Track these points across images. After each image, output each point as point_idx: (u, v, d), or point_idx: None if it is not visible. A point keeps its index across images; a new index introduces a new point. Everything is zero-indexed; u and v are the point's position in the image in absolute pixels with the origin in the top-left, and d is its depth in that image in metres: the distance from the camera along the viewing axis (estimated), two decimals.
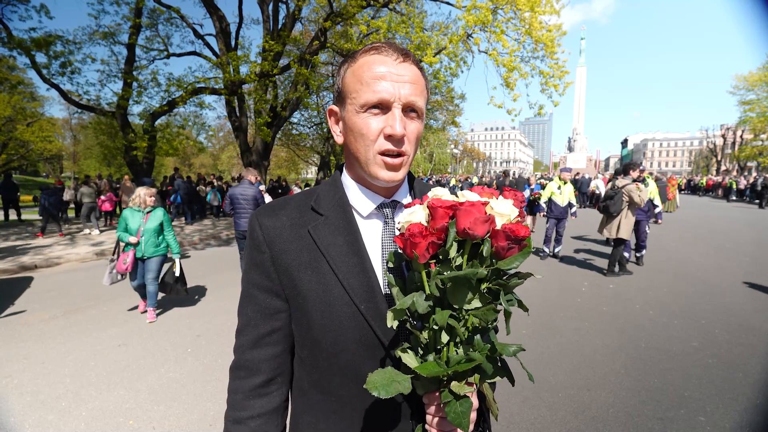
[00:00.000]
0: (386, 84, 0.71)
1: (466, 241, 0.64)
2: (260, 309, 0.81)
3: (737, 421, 2.71)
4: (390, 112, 0.72)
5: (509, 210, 0.65)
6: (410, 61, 0.75)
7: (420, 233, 0.61)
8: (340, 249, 0.77)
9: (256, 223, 0.82)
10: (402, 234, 0.64)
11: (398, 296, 0.67)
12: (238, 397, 0.82)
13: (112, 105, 13.72)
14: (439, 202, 0.64)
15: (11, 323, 4.74)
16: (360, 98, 0.72)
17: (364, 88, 0.72)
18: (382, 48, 0.74)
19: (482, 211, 0.61)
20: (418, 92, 0.74)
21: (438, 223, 0.63)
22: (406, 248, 0.63)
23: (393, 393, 0.60)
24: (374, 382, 0.61)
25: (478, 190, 0.69)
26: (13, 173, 33.59)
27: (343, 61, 0.80)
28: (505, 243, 0.61)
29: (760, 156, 37.77)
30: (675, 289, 5.79)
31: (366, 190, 0.82)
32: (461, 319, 0.63)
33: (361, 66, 0.74)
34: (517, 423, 2.72)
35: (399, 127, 0.71)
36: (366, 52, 0.75)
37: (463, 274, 0.59)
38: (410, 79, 0.73)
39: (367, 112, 0.72)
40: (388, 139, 0.72)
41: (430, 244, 0.61)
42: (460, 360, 0.62)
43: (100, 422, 2.80)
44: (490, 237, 0.63)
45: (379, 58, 0.73)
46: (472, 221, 0.60)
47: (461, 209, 0.61)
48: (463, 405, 0.60)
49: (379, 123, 0.72)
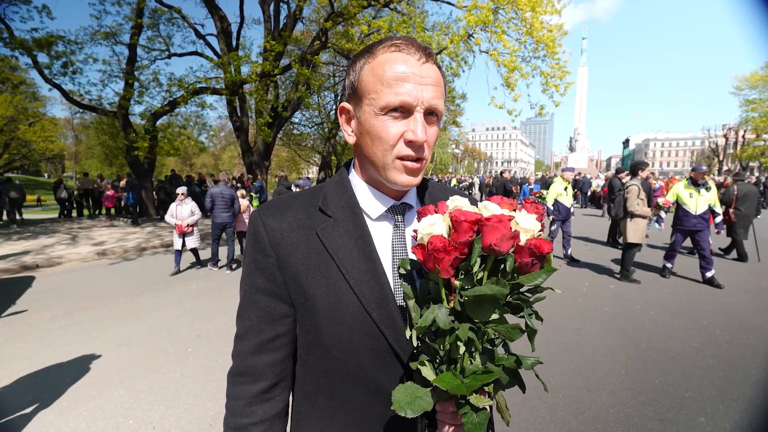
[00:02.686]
0: (409, 86, 0.67)
1: (489, 256, 0.62)
2: (264, 314, 0.78)
3: (738, 422, 2.70)
4: (412, 116, 0.68)
5: (533, 225, 0.63)
6: (432, 61, 0.72)
7: (444, 248, 0.59)
8: (351, 253, 0.74)
9: (260, 225, 0.77)
10: (423, 246, 0.62)
11: (414, 309, 0.65)
12: (239, 404, 0.78)
13: (114, 105, 13.77)
14: (463, 215, 0.61)
15: (13, 323, 4.76)
16: (380, 100, 0.68)
17: (385, 89, 0.68)
18: (403, 45, 0.70)
19: (508, 227, 0.60)
20: (440, 95, 0.71)
21: (461, 237, 0.60)
22: (428, 262, 0.60)
23: (418, 412, 0.58)
24: (399, 401, 0.59)
25: (498, 201, 0.67)
26: (13, 173, 33.71)
27: (359, 56, 0.75)
28: (529, 259, 0.60)
29: (762, 156, 37.63)
30: (675, 290, 5.78)
31: (376, 192, 0.79)
32: (480, 332, 0.62)
33: (381, 64, 0.69)
34: (517, 423, 2.72)
35: (421, 133, 0.68)
36: (386, 49, 0.71)
37: (491, 293, 0.57)
38: (433, 81, 0.70)
39: (387, 114, 0.69)
40: (409, 145, 0.69)
41: (454, 259, 0.59)
42: (477, 370, 0.61)
43: (100, 422, 2.81)
44: (514, 252, 0.61)
45: (401, 57, 0.69)
46: (498, 238, 0.58)
47: (488, 225, 0.59)
48: (480, 416, 0.60)
49: (400, 127, 0.69)
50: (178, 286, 6.32)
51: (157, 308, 5.22)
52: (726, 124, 50.09)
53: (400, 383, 0.65)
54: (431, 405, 0.61)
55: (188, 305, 5.34)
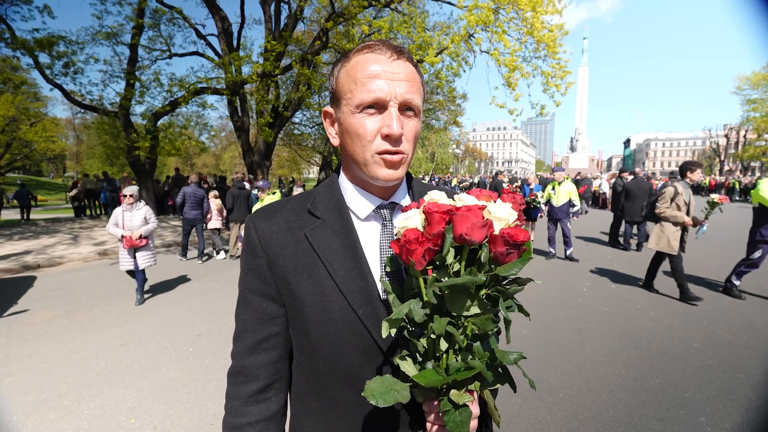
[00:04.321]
0: (381, 83, 0.69)
1: (463, 247, 0.62)
2: (257, 314, 0.80)
3: (738, 422, 2.70)
4: (386, 111, 0.70)
5: (507, 214, 0.63)
6: (404, 58, 0.73)
7: (416, 240, 0.59)
8: (337, 253, 0.75)
9: (252, 227, 0.80)
10: (398, 240, 0.62)
11: (395, 303, 0.65)
12: (236, 403, 0.80)
13: (115, 105, 13.78)
14: (435, 206, 0.62)
15: (14, 322, 4.77)
16: (355, 98, 0.70)
17: (358, 87, 0.70)
18: (375, 46, 0.72)
19: (479, 215, 0.59)
20: (414, 90, 0.72)
21: (434, 229, 0.61)
22: (402, 255, 0.61)
23: (390, 402, 0.58)
24: (372, 390, 0.60)
25: (476, 193, 0.67)
26: (14, 173, 33.77)
27: (337, 62, 0.78)
28: (503, 248, 0.59)
29: (763, 156, 37.56)
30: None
31: (364, 192, 0.80)
32: (460, 326, 0.62)
33: (354, 65, 0.72)
34: (517, 423, 2.72)
35: (396, 126, 0.69)
36: (359, 51, 0.73)
37: (462, 282, 0.57)
38: (405, 77, 0.71)
39: (362, 112, 0.70)
40: (386, 139, 0.70)
41: (426, 250, 0.59)
42: (459, 368, 0.60)
43: (101, 421, 2.82)
44: (488, 242, 0.61)
45: (373, 57, 0.71)
46: (469, 227, 0.58)
47: (458, 214, 0.59)
48: (462, 414, 0.59)
49: (376, 123, 0.70)
50: (180, 285, 6.33)
51: (158, 308, 5.24)
52: (727, 124, 50.03)
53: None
54: (407, 398, 0.61)
55: (189, 305, 5.35)
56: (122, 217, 5.28)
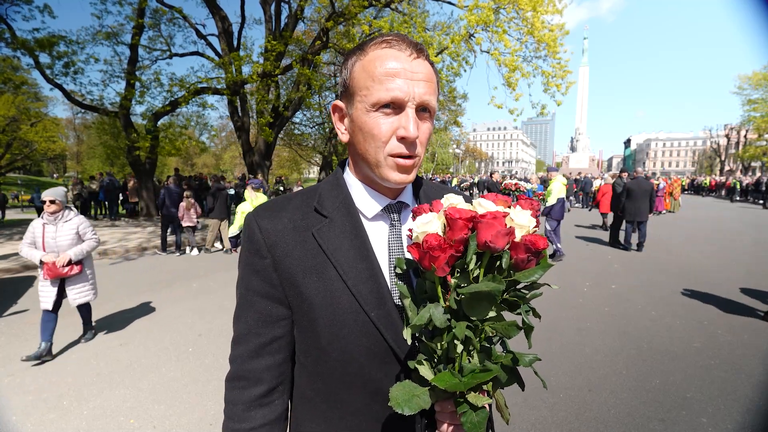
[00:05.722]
0: (400, 82, 0.66)
1: (485, 254, 0.62)
2: (261, 317, 0.76)
3: (739, 423, 2.69)
4: (403, 112, 0.68)
5: (528, 221, 0.63)
6: (423, 57, 0.70)
7: (439, 246, 0.59)
8: (347, 254, 0.73)
9: (255, 226, 0.76)
10: (418, 245, 0.61)
11: (411, 307, 0.64)
12: (238, 409, 0.77)
13: (115, 105, 13.81)
14: (458, 212, 0.61)
15: (14, 322, 4.77)
16: (371, 96, 0.67)
17: (375, 85, 0.67)
18: (394, 41, 0.69)
19: (503, 223, 0.59)
20: (432, 90, 0.70)
21: (456, 235, 0.60)
22: (424, 260, 0.60)
23: (415, 409, 0.58)
24: (396, 398, 0.59)
25: (492, 198, 0.66)
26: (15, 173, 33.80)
27: (351, 53, 0.74)
28: (524, 255, 0.59)
29: (764, 156, 37.55)
30: (677, 290, 5.76)
31: (372, 191, 0.78)
32: (478, 329, 0.62)
33: (372, 60, 0.69)
34: (518, 423, 2.71)
35: (413, 129, 0.67)
36: (377, 45, 0.70)
37: (487, 290, 0.57)
38: (424, 77, 0.69)
39: (378, 111, 0.68)
40: (401, 141, 0.68)
41: (450, 257, 0.59)
42: (475, 369, 0.61)
43: (101, 421, 2.81)
44: (510, 249, 0.61)
45: (392, 53, 0.68)
46: (494, 234, 0.58)
47: (483, 222, 0.59)
48: (479, 415, 0.59)
49: (392, 124, 0.68)
50: (179, 285, 6.33)
51: (158, 308, 5.23)
52: (728, 124, 49.99)
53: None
54: (429, 404, 0.60)
55: (189, 305, 5.34)
56: (42, 234, 3.68)
